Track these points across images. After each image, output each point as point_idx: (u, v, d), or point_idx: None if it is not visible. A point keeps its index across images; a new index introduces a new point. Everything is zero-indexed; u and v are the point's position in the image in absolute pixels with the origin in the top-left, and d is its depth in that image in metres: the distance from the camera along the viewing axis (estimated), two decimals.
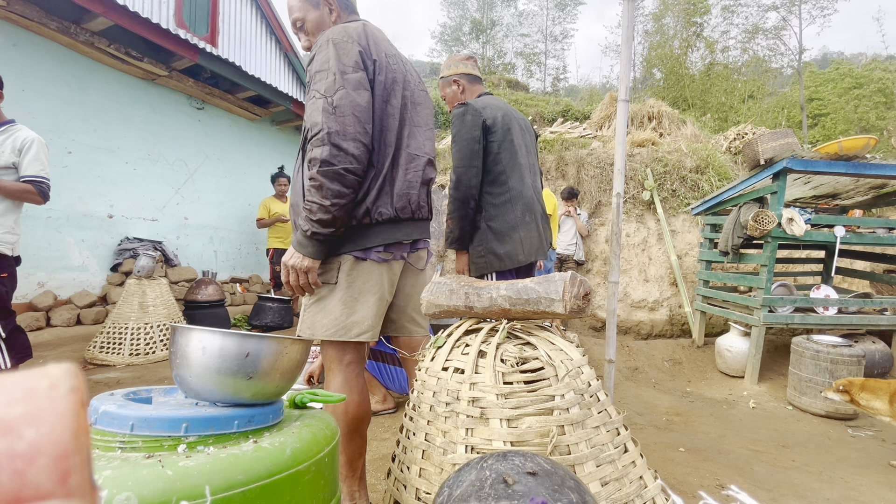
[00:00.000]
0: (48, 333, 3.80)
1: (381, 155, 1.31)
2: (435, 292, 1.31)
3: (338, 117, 1.18)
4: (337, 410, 1.30)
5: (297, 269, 1.24)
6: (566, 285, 1.13)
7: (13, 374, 0.21)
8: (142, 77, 4.70)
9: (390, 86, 1.34)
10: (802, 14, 16.88)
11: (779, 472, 2.16)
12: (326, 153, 1.17)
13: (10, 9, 3.49)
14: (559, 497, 0.70)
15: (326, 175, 1.17)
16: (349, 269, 1.31)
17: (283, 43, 8.21)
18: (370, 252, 1.32)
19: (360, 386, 1.36)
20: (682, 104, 13.22)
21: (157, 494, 0.64)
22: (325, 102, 1.19)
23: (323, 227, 1.20)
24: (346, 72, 1.22)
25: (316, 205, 1.19)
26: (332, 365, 1.34)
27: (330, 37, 1.26)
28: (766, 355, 3.92)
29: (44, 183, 2.32)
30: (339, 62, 1.22)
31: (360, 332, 1.31)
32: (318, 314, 1.31)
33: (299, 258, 1.24)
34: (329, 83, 1.21)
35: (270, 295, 4.98)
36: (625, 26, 2.22)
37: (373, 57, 1.30)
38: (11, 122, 2.34)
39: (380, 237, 1.32)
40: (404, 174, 1.36)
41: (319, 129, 1.18)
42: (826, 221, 3.93)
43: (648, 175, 5.93)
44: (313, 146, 1.19)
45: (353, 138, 1.19)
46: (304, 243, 1.23)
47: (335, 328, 1.29)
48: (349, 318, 1.30)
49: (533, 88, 21.70)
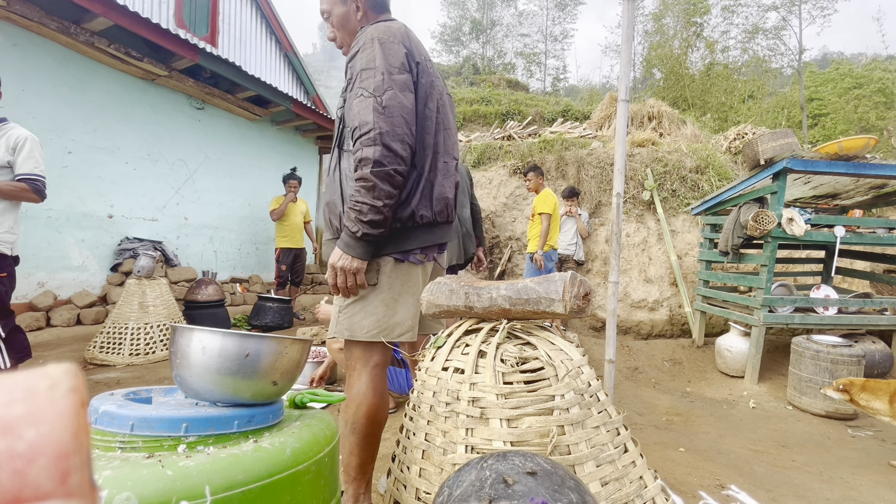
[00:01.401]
0: (48, 333, 3.80)
1: (420, 157, 1.32)
2: (435, 292, 1.31)
3: (387, 118, 1.18)
4: (358, 413, 1.29)
5: (345, 271, 1.23)
6: (566, 285, 1.13)
7: (13, 374, 0.21)
8: (142, 77, 4.70)
9: (429, 89, 1.34)
10: (802, 14, 16.89)
11: (779, 472, 2.16)
12: (378, 153, 1.16)
13: (10, 9, 3.49)
14: (559, 497, 0.70)
15: (378, 175, 1.16)
16: (390, 271, 1.31)
17: (283, 43, 8.21)
18: (409, 254, 1.33)
19: (383, 389, 1.36)
20: (682, 104, 13.22)
21: (157, 494, 0.64)
22: (375, 102, 1.18)
23: (373, 227, 1.19)
24: (392, 72, 1.22)
25: (367, 205, 1.17)
26: (357, 365, 1.33)
27: (375, 35, 1.25)
28: (766, 355, 3.92)
29: (38, 181, 2.28)
30: (386, 62, 1.22)
31: (401, 333, 1.32)
32: (357, 315, 1.30)
33: (348, 259, 1.22)
34: (378, 82, 1.20)
35: (270, 295, 4.98)
36: (625, 26, 2.22)
37: (416, 59, 1.30)
38: (3, 121, 2.30)
39: (419, 240, 1.33)
40: (442, 178, 1.37)
41: (370, 129, 1.17)
42: (826, 221, 3.93)
43: (648, 175, 5.93)
44: (363, 145, 1.18)
45: (400, 139, 1.19)
46: (352, 244, 1.21)
47: (377, 329, 1.30)
48: (391, 319, 1.31)
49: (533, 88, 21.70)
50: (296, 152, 7.06)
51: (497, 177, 6.51)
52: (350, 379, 1.34)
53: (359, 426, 1.29)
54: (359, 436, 1.30)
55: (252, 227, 6.24)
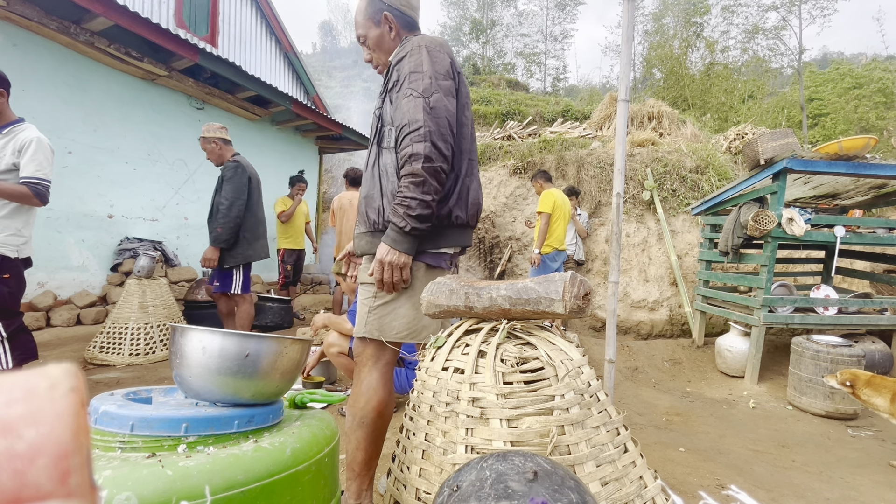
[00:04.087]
0: (48, 333, 3.80)
1: (458, 161, 1.37)
2: (435, 292, 1.31)
3: (434, 118, 1.23)
4: (367, 407, 1.31)
5: (393, 265, 1.25)
6: (566, 285, 1.13)
7: (13, 374, 0.21)
8: (142, 77, 4.70)
9: (465, 99, 1.41)
10: (802, 14, 16.89)
11: (779, 472, 2.16)
12: (428, 149, 1.21)
13: (10, 9, 3.49)
14: (559, 497, 0.70)
15: (428, 171, 1.21)
16: (423, 276, 1.35)
17: (283, 43, 8.21)
18: (441, 260, 1.37)
19: (391, 386, 1.39)
20: (682, 104, 13.22)
21: (157, 494, 0.64)
22: (424, 102, 1.23)
23: (421, 222, 1.23)
24: (438, 77, 1.28)
25: (416, 200, 1.20)
26: (368, 362, 1.35)
27: (422, 43, 1.32)
28: (766, 355, 3.92)
29: (40, 184, 2.22)
30: (433, 67, 1.28)
31: (427, 335, 1.35)
32: (389, 316, 1.33)
33: (396, 254, 1.24)
34: (427, 85, 1.25)
35: (271, 295, 4.98)
36: (625, 26, 2.22)
37: (457, 69, 1.38)
38: (18, 122, 2.27)
39: (451, 239, 1.38)
40: (477, 185, 1.44)
41: (420, 126, 1.21)
42: (826, 221, 3.93)
43: (648, 175, 5.93)
44: (413, 141, 1.21)
45: (445, 139, 1.24)
46: (399, 239, 1.24)
47: (408, 331, 1.33)
48: (420, 322, 1.35)
49: (533, 88, 21.70)
50: (296, 152, 7.06)
51: (497, 177, 6.52)
52: (359, 374, 1.36)
53: (367, 420, 1.31)
54: (367, 430, 1.32)
55: None
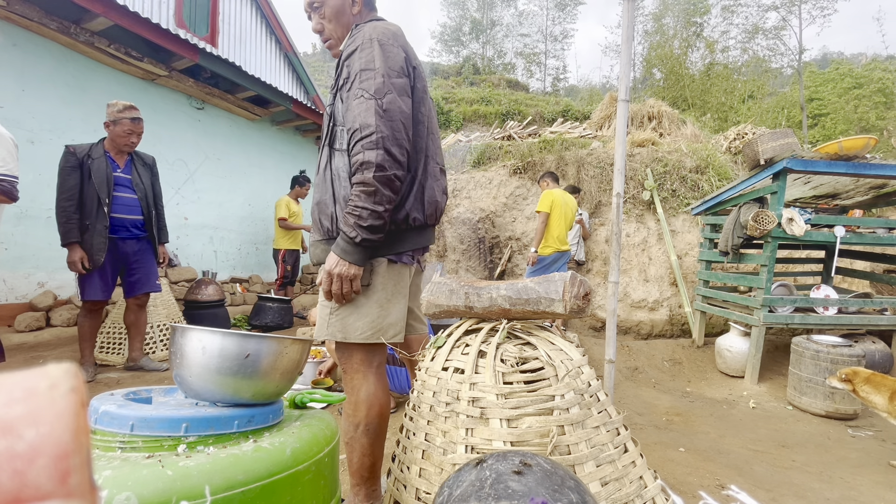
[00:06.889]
0: (48, 333, 3.80)
1: (414, 161, 1.31)
2: (435, 292, 1.31)
3: (387, 122, 1.16)
4: (371, 414, 1.28)
5: (342, 277, 1.20)
6: (566, 285, 1.13)
7: (13, 374, 0.21)
8: (142, 77, 4.69)
9: (422, 93, 1.33)
10: (802, 14, 16.89)
11: (779, 472, 2.16)
12: (381, 157, 1.14)
13: (10, 9, 3.49)
14: (559, 497, 0.70)
15: (380, 180, 1.14)
16: (384, 272, 1.30)
17: (283, 43, 8.21)
18: (402, 255, 1.33)
19: (387, 385, 1.37)
20: (682, 104, 13.22)
21: (157, 494, 0.64)
22: (377, 104, 1.16)
23: (373, 233, 1.17)
24: (392, 76, 1.20)
25: (367, 210, 1.15)
26: (362, 368, 1.31)
27: (374, 35, 1.23)
28: (766, 355, 3.92)
29: (5, 181, 2.13)
30: (386, 65, 1.20)
31: (394, 334, 1.31)
32: (351, 317, 1.27)
33: (345, 266, 1.19)
34: (379, 85, 1.18)
35: (270, 295, 4.98)
36: (625, 26, 2.22)
37: (412, 63, 1.29)
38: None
39: (411, 242, 1.33)
40: (433, 182, 1.37)
41: (372, 132, 1.15)
42: (826, 221, 3.93)
43: (648, 175, 5.93)
44: (365, 148, 1.15)
45: (399, 144, 1.18)
46: (349, 250, 1.18)
47: (372, 330, 1.27)
48: (385, 321, 1.29)
49: (533, 88, 21.71)
50: (296, 152, 7.06)
51: (497, 177, 6.52)
52: (353, 382, 1.31)
53: (373, 426, 1.28)
54: (373, 436, 1.29)
55: (252, 227, 6.24)
